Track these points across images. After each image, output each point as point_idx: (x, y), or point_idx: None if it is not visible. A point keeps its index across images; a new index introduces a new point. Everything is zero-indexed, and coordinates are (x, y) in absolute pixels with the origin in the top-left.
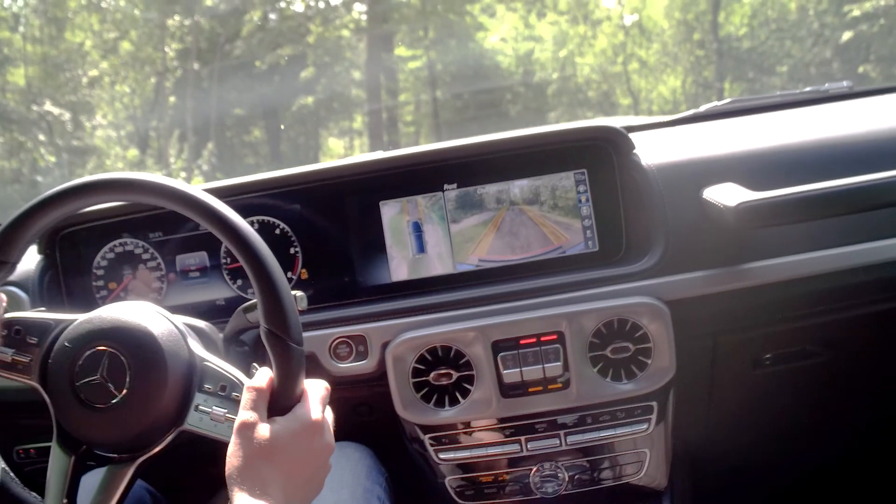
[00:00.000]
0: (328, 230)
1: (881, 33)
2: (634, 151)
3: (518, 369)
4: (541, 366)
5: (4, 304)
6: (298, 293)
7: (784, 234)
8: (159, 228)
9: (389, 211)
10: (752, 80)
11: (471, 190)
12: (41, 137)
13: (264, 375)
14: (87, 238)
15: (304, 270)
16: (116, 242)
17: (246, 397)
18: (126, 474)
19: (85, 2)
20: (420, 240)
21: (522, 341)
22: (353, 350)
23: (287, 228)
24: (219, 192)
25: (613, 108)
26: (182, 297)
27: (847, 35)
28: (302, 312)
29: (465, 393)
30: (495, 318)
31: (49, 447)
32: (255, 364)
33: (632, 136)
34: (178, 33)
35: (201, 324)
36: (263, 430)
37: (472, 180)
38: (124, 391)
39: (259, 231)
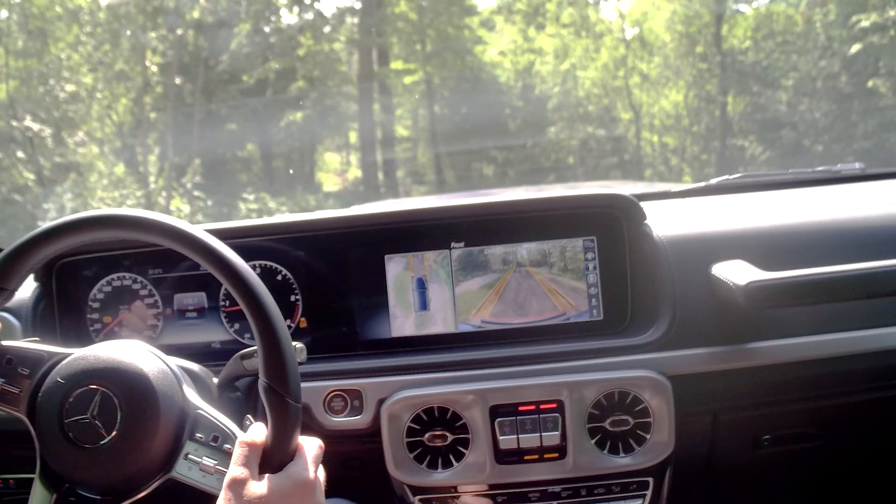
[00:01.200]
0: (330, 280)
1: (891, 45)
2: (646, 222)
3: (515, 436)
4: (538, 434)
5: None
6: (298, 345)
7: (790, 316)
8: (159, 265)
9: (394, 266)
10: (757, 93)
11: (478, 249)
12: (20, 154)
13: (259, 430)
14: (84, 269)
15: (303, 319)
16: (115, 276)
17: (238, 452)
18: None
19: (62, 11)
20: (423, 296)
21: (521, 408)
22: (348, 404)
23: (289, 275)
24: (222, 234)
25: (614, 122)
26: (177, 337)
27: (855, 47)
28: (301, 364)
29: (460, 456)
30: (495, 381)
31: (29, 479)
32: (249, 416)
33: (642, 205)
34: (161, 47)
35: (195, 367)
36: (254, 488)
37: (480, 240)
38: (114, 433)
39: (260, 276)
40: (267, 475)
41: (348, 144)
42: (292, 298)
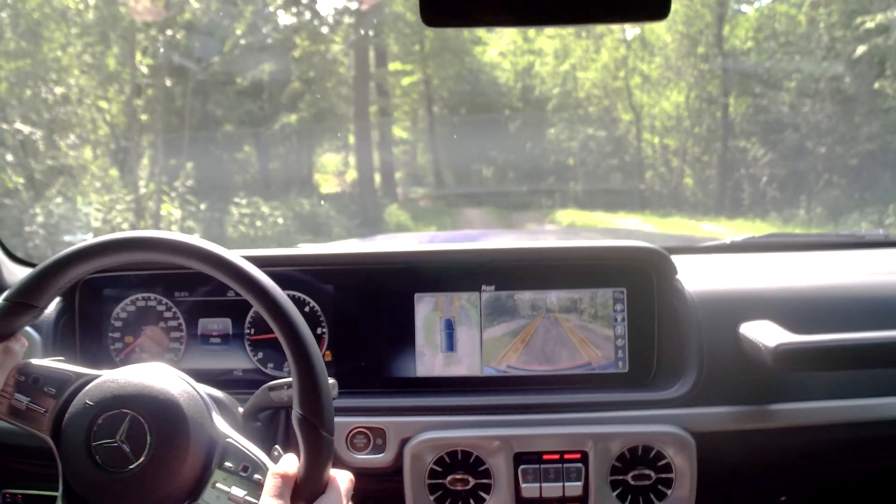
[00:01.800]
0: (358, 315)
1: None
2: (677, 277)
3: (538, 484)
4: (561, 483)
5: (24, 349)
6: (331, 380)
7: (816, 379)
8: (184, 288)
9: (424, 305)
10: (759, 95)
11: (507, 294)
12: (9, 158)
13: (291, 462)
14: (109, 288)
15: (328, 352)
16: (139, 296)
17: (270, 483)
18: None
19: (50, 10)
20: (451, 338)
21: (546, 456)
22: (370, 442)
23: (317, 307)
24: (254, 262)
25: (615, 123)
26: (199, 362)
27: (861, 49)
28: (332, 399)
29: (480, 501)
30: (520, 428)
31: (37, 496)
32: (277, 447)
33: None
34: (151, 49)
35: (222, 395)
36: None
37: (510, 285)
38: (142, 458)
39: None
40: None
41: (347, 146)
42: (318, 331)
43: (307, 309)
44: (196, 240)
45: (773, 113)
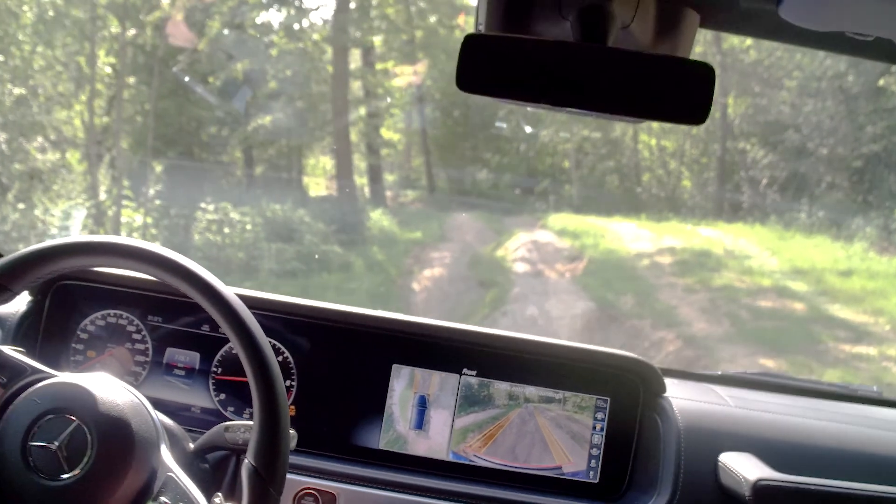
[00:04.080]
0: (330, 374)
1: None
2: (664, 394)
3: None
4: None
5: None
6: (290, 431)
7: None
8: (160, 313)
9: (400, 377)
10: (759, 94)
11: (488, 382)
12: None
13: None
14: (82, 297)
15: (293, 407)
16: (111, 312)
17: None
18: None
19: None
20: (422, 416)
21: None
22: None
23: (290, 358)
24: None
25: (611, 124)
26: (158, 391)
27: None
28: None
29: None
30: None
31: None
32: (219, 494)
33: None
34: (115, 46)
35: (175, 427)
36: None
37: (493, 373)
38: (77, 471)
39: None
40: None
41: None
42: (287, 383)
43: (279, 358)
44: (196, 266)
45: (773, 113)
